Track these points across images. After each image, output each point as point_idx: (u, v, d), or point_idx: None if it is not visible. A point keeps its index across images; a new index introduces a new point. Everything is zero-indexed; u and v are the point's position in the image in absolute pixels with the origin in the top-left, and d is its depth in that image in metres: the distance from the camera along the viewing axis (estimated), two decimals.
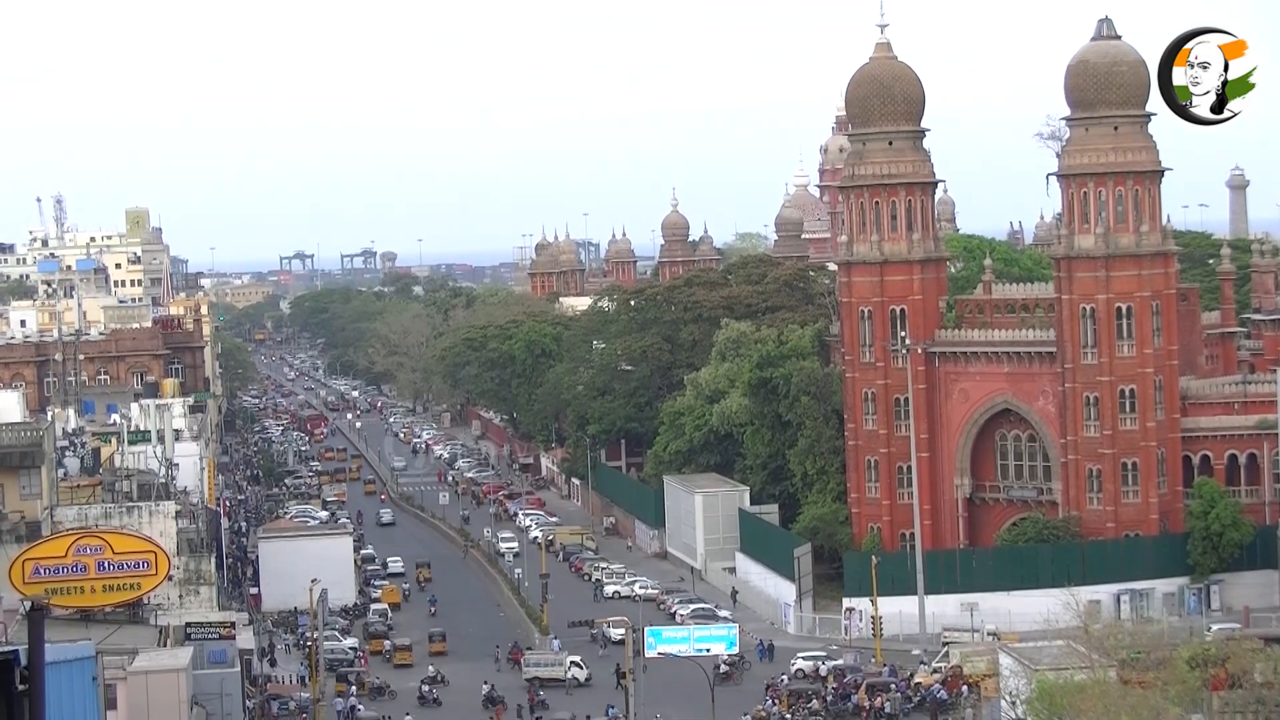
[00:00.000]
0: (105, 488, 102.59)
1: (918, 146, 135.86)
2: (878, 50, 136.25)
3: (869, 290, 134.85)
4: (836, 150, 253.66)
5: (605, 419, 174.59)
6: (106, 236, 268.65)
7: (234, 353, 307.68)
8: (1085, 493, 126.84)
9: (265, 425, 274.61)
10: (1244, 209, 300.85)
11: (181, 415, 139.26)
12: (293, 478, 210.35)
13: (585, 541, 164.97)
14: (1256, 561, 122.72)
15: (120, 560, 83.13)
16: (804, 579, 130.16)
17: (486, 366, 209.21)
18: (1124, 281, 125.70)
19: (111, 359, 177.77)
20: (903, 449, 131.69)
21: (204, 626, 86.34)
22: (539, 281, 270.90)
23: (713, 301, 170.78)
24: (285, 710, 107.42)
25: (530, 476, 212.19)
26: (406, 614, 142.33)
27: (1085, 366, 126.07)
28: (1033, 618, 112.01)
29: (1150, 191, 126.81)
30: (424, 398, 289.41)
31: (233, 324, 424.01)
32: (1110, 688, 79.49)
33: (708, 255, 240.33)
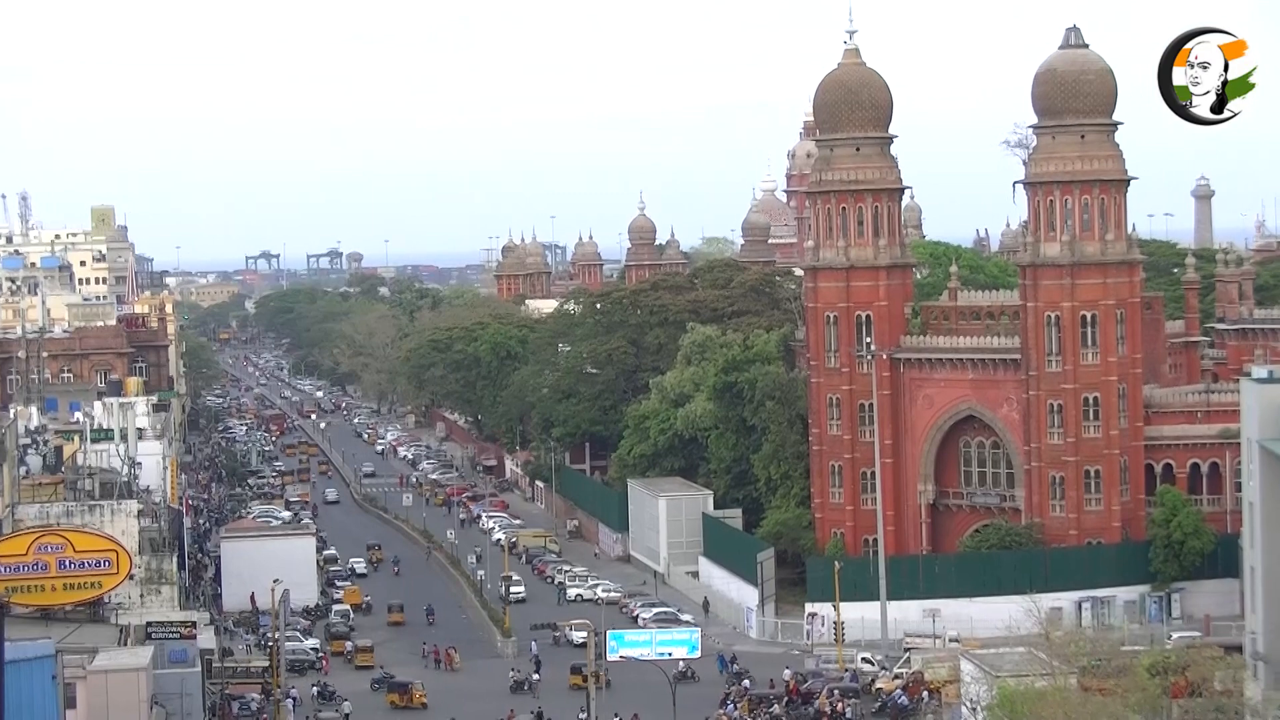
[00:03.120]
0: (67, 486, 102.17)
1: (885, 153, 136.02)
2: (846, 56, 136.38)
3: (835, 295, 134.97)
4: (804, 155, 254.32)
5: (570, 422, 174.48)
6: (71, 234, 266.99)
7: (198, 352, 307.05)
8: (1048, 500, 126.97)
9: (229, 425, 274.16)
10: (1209, 218, 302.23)
11: (145, 414, 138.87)
12: (256, 478, 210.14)
13: (548, 544, 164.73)
14: (1218, 570, 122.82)
15: (81, 559, 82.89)
16: (767, 584, 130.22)
17: (452, 368, 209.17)
18: (1089, 289, 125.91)
19: (75, 357, 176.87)
20: (867, 454, 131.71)
21: (165, 626, 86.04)
22: (505, 284, 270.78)
23: (679, 305, 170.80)
24: (246, 710, 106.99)
25: (494, 479, 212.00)
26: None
27: (1049, 374, 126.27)
28: (994, 624, 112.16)
29: (1116, 200, 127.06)
30: (389, 399, 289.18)
31: (197, 323, 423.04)
32: (1071, 695, 79.66)
33: (674, 259, 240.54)
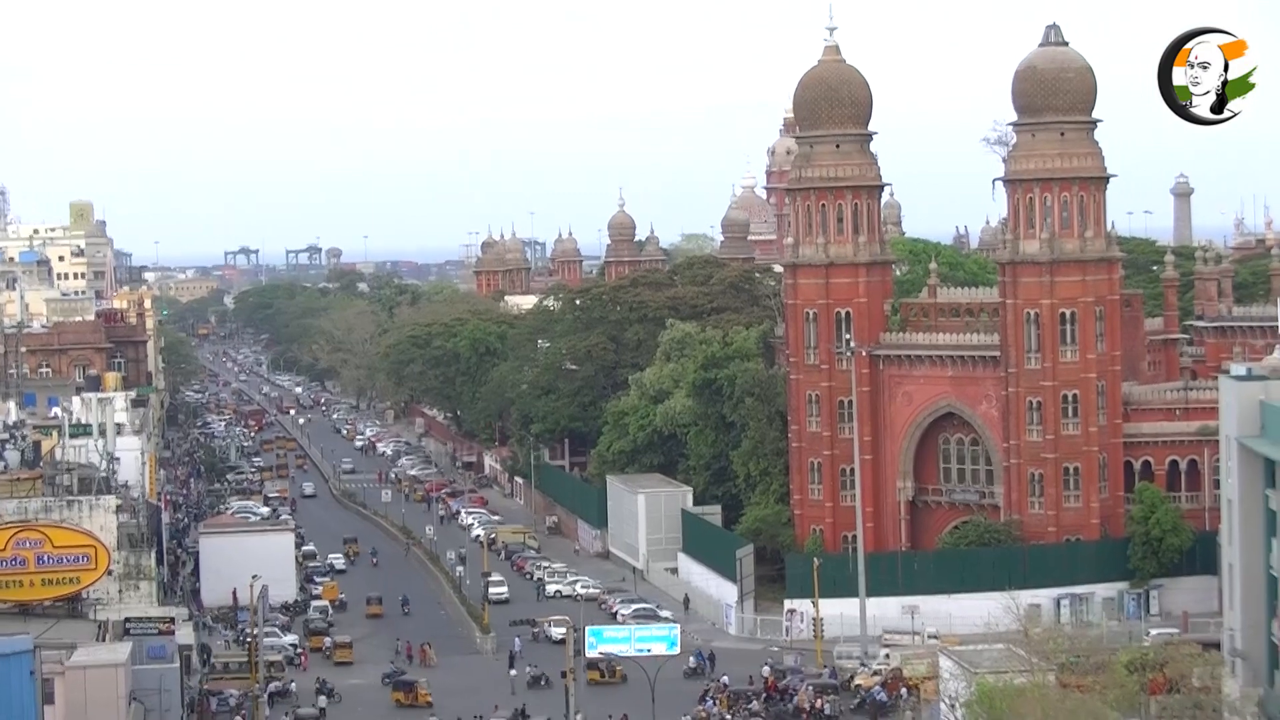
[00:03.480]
0: (45, 481, 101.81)
1: (865, 150, 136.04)
2: (826, 53, 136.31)
3: (814, 292, 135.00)
4: (784, 152, 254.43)
5: (549, 418, 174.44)
6: (50, 229, 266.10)
7: (177, 347, 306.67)
8: (1027, 497, 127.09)
9: (208, 420, 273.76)
10: (1188, 216, 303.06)
11: (123, 409, 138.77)
12: (235, 473, 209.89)
13: (527, 540, 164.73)
14: (1196, 567, 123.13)
15: (60, 554, 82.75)
16: (746, 580, 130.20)
17: (431, 364, 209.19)
18: (1068, 287, 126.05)
19: (53, 352, 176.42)
20: (846, 451, 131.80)
21: (143, 622, 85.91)
22: (485, 279, 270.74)
23: (658, 302, 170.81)
24: (224, 706, 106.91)
25: (473, 475, 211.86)
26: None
27: (1029, 371, 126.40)
28: (973, 621, 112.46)
29: (1095, 198, 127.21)
30: (368, 395, 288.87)
31: (176, 319, 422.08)
32: (1049, 691, 79.73)
33: (654, 256, 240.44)
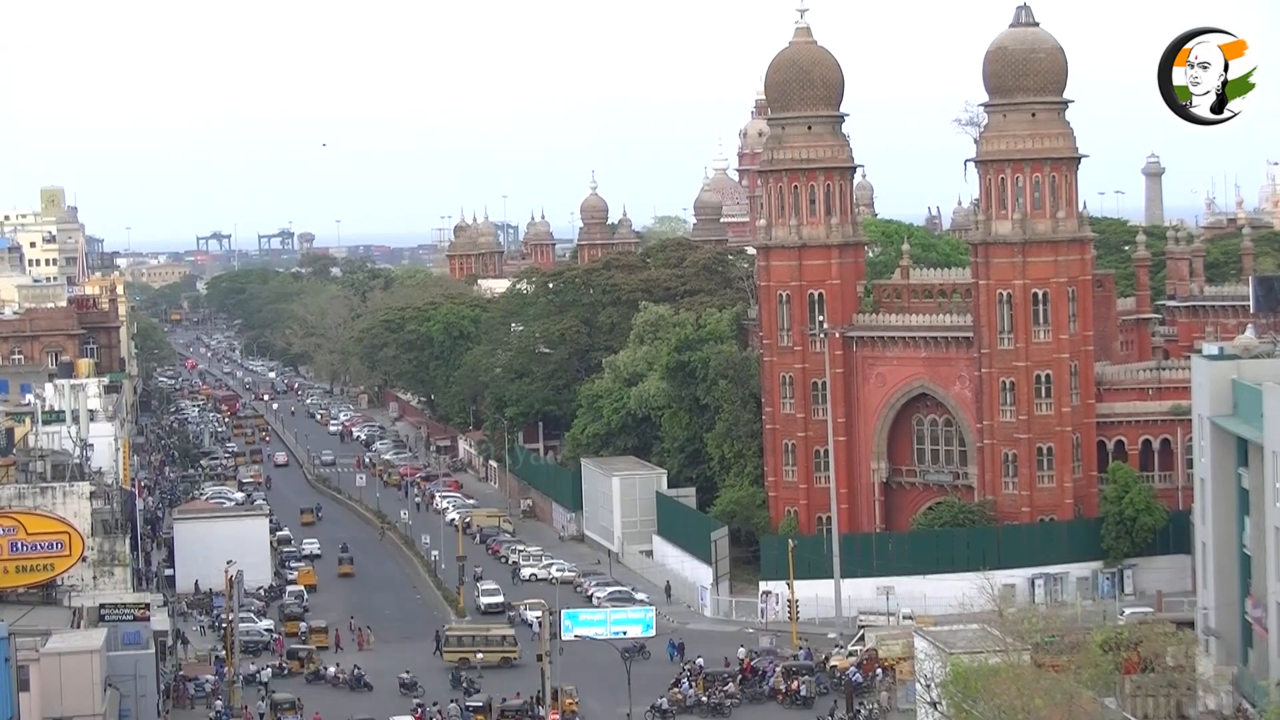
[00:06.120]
0: (19, 468, 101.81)
1: (836, 131, 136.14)
2: (797, 35, 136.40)
3: (787, 274, 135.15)
4: (756, 134, 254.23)
5: (523, 401, 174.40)
6: (21, 215, 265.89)
7: (150, 333, 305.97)
8: (1001, 477, 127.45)
9: (181, 406, 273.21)
10: (1159, 196, 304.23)
11: (96, 395, 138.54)
12: (208, 459, 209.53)
13: (502, 524, 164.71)
14: (1169, 546, 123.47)
15: (34, 541, 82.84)
16: (721, 562, 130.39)
17: (404, 348, 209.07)
18: (1040, 267, 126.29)
19: (26, 339, 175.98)
20: (820, 433, 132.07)
21: (118, 608, 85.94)
22: (457, 263, 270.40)
23: (631, 284, 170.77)
24: (201, 691, 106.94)
25: (448, 459, 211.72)
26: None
27: (1001, 352, 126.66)
28: (948, 601, 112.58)
29: (1067, 178, 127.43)
30: (341, 379, 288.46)
31: (149, 304, 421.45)
32: (1024, 671, 79.88)
33: (626, 238, 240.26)
